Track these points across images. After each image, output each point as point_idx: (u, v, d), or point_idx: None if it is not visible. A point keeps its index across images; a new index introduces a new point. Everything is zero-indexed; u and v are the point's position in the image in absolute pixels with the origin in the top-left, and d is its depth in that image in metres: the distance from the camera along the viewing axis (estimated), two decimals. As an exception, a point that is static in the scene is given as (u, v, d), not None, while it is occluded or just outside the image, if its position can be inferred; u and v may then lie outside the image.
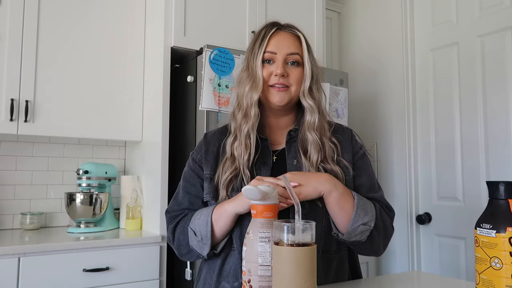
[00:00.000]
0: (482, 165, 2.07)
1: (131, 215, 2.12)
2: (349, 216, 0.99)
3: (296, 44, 1.09)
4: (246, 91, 1.07)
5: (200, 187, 1.11)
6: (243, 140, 1.06)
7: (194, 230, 1.04)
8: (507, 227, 0.74)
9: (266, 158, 1.08)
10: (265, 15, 2.29)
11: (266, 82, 1.06)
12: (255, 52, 1.08)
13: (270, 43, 1.07)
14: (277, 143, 1.13)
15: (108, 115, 2.18)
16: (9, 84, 1.93)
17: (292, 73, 1.07)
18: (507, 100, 2.00)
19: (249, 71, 1.08)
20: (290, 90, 1.07)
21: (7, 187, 2.17)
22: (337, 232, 1.02)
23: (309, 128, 1.07)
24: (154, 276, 1.93)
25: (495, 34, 2.06)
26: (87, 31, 2.15)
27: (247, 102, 1.07)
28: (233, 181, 1.05)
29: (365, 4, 2.78)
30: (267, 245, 0.84)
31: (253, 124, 1.06)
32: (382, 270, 2.54)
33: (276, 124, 1.13)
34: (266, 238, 0.84)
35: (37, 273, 1.69)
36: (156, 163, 2.04)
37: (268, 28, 1.10)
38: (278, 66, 1.05)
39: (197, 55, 2.02)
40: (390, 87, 2.54)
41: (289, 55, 1.07)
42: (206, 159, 1.11)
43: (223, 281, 1.04)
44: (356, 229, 0.99)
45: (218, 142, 1.13)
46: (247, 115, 1.06)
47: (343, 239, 1.01)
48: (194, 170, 1.13)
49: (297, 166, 1.06)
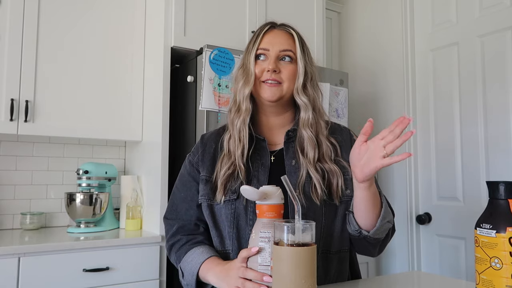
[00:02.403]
0: (482, 165, 2.07)
1: (131, 215, 2.12)
2: (378, 211, 0.97)
3: (289, 41, 1.09)
4: (239, 87, 1.08)
5: (195, 190, 1.11)
6: (236, 134, 1.07)
7: (183, 272, 1.06)
8: (507, 227, 0.74)
9: (264, 159, 1.08)
10: (265, 15, 2.29)
11: (258, 78, 1.07)
12: (249, 49, 1.09)
13: (263, 40, 1.09)
14: (275, 144, 1.12)
15: (108, 115, 2.18)
16: (9, 84, 1.93)
17: (284, 69, 1.07)
18: (507, 100, 2.00)
19: (243, 68, 1.10)
20: (282, 86, 1.07)
21: (7, 187, 2.17)
22: (359, 230, 1.00)
23: (304, 125, 1.07)
24: (154, 276, 1.93)
25: (495, 34, 2.05)
26: (87, 31, 2.15)
27: (239, 98, 1.08)
28: (230, 180, 1.05)
29: (365, 4, 2.78)
30: (266, 245, 0.84)
31: (244, 118, 1.07)
32: (382, 270, 2.54)
33: (273, 123, 1.13)
34: (266, 238, 0.84)
35: (37, 273, 1.69)
36: (156, 163, 2.04)
37: (262, 27, 1.11)
38: (270, 62, 1.06)
39: (197, 55, 2.02)
40: (390, 87, 2.54)
41: (281, 52, 1.07)
42: (203, 161, 1.11)
43: None
44: (383, 225, 0.99)
45: (215, 144, 1.13)
46: (240, 109, 1.08)
47: (370, 235, 0.99)
48: (191, 173, 1.13)
49: (296, 166, 1.06)
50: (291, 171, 1.06)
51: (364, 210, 0.97)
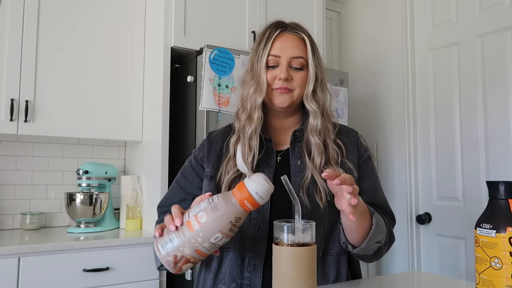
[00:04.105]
0: (482, 165, 2.07)
1: (131, 215, 2.12)
2: (364, 232, 0.97)
3: (300, 47, 1.07)
4: (250, 94, 1.07)
5: (195, 185, 1.11)
6: (247, 142, 1.05)
7: None
8: (507, 227, 0.74)
9: (269, 158, 1.08)
10: (265, 15, 2.29)
11: (270, 86, 1.06)
12: (259, 54, 1.07)
13: (274, 45, 1.06)
14: (281, 144, 1.12)
15: (108, 115, 2.18)
16: (9, 84, 1.93)
17: (295, 77, 1.06)
18: (507, 100, 1.99)
19: (253, 73, 1.08)
20: (293, 93, 1.06)
21: (7, 187, 2.17)
22: (346, 243, 1.01)
23: (312, 132, 1.07)
24: (154, 276, 1.93)
25: (495, 34, 2.05)
26: (87, 31, 2.15)
27: (251, 105, 1.06)
28: (236, 181, 1.04)
29: (365, 4, 2.78)
30: (200, 207, 0.82)
31: (256, 127, 1.06)
32: (382, 270, 2.54)
33: (280, 125, 1.13)
34: (210, 204, 0.82)
35: (37, 273, 1.69)
36: (156, 163, 2.04)
37: (272, 29, 1.08)
38: (282, 70, 1.04)
39: (197, 55, 2.02)
40: (390, 87, 2.54)
41: (293, 59, 1.06)
42: (208, 157, 1.11)
43: (220, 283, 1.04)
44: (369, 246, 0.98)
45: (222, 142, 1.13)
46: (251, 118, 1.06)
47: (353, 252, 1.00)
48: (194, 168, 1.13)
49: (301, 167, 1.06)
50: (296, 171, 1.06)
51: (349, 229, 0.99)
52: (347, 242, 1.01)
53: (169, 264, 0.82)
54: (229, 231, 0.81)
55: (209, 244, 0.80)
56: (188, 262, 0.82)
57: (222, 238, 0.81)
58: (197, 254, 0.82)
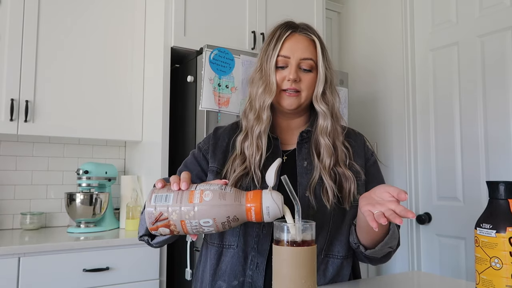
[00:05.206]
0: (482, 165, 2.07)
1: (131, 215, 2.12)
2: (380, 237, 0.98)
3: (310, 48, 1.07)
4: (259, 94, 1.07)
5: (195, 175, 1.10)
6: (255, 141, 1.06)
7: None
8: (507, 227, 0.74)
9: (276, 158, 1.08)
10: (265, 15, 2.29)
11: (278, 87, 1.06)
12: (269, 54, 1.07)
13: (284, 46, 1.06)
14: (287, 143, 1.13)
15: (108, 115, 2.18)
16: (9, 84, 1.93)
17: (304, 79, 1.06)
18: (507, 100, 1.99)
19: (262, 73, 1.08)
20: (301, 95, 1.06)
21: (7, 187, 2.17)
22: (358, 244, 1.02)
23: (322, 133, 1.07)
24: (154, 276, 1.93)
25: (495, 34, 2.05)
26: (87, 31, 2.15)
27: (259, 105, 1.06)
28: (242, 179, 1.05)
29: (365, 4, 2.78)
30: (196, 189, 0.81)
31: (265, 127, 1.06)
32: (382, 270, 2.54)
33: (287, 125, 1.14)
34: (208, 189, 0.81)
35: (37, 273, 1.69)
36: (156, 163, 2.04)
37: (283, 30, 1.08)
38: (291, 71, 1.05)
39: (197, 55, 2.02)
40: (390, 87, 2.54)
41: (302, 60, 1.06)
42: (214, 152, 1.11)
43: (219, 280, 1.03)
44: (382, 249, 0.99)
45: (228, 139, 1.13)
46: (260, 117, 1.06)
47: (365, 253, 1.01)
48: (197, 158, 1.13)
49: (308, 168, 1.06)
50: (302, 172, 1.06)
51: (365, 232, 0.99)
52: (359, 242, 1.01)
53: (151, 217, 0.80)
54: (221, 225, 0.80)
55: (196, 223, 0.79)
56: (167, 227, 0.80)
57: (211, 226, 0.79)
58: (180, 225, 0.80)
